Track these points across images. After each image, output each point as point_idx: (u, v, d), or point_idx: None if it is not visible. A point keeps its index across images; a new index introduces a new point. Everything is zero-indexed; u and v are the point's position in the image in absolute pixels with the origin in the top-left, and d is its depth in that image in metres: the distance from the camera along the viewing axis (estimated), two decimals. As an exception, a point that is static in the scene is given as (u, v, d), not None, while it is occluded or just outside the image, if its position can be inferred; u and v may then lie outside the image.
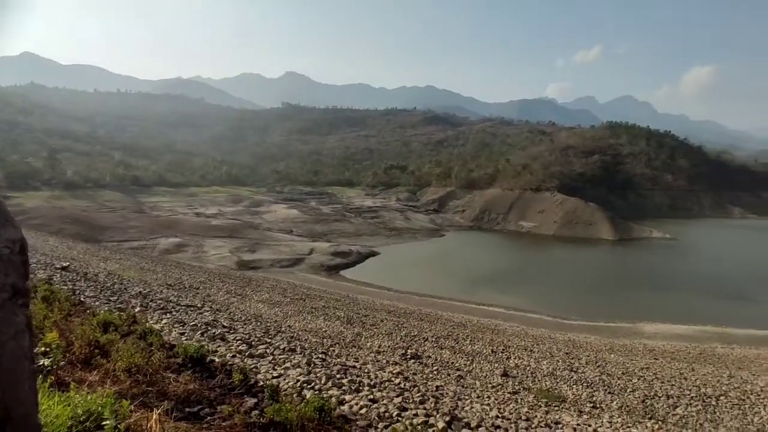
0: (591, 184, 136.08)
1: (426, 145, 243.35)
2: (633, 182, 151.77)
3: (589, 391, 19.78)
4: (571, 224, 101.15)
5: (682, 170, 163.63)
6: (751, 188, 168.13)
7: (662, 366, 24.81)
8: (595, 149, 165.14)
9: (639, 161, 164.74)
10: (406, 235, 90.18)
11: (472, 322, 33.77)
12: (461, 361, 22.41)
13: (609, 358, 25.86)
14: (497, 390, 18.06)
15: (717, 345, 31.96)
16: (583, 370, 23.04)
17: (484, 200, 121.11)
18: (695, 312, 42.53)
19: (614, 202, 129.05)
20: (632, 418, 16.49)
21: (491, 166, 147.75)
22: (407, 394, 12.73)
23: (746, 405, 19.00)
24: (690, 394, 20.03)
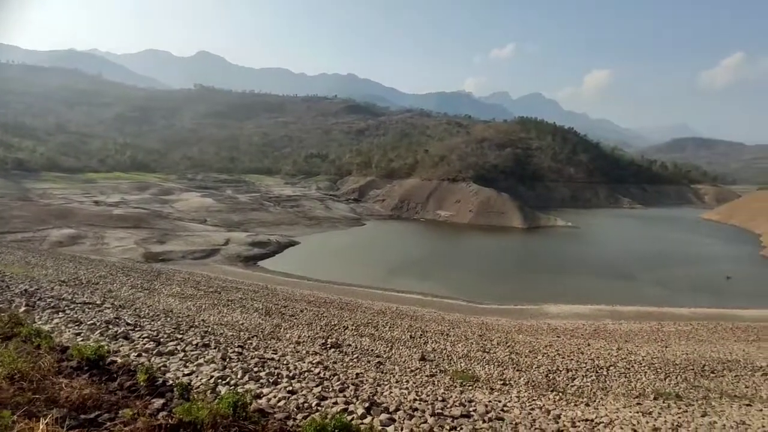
0: (504, 175, 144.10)
1: (347, 134, 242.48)
2: (541, 174, 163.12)
3: (500, 369, 21.12)
4: (485, 213, 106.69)
5: (582, 164, 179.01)
6: (638, 181, 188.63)
7: (563, 343, 27.14)
8: (507, 142, 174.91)
9: (546, 155, 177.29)
10: (326, 225, 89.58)
11: (392, 309, 34.51)
12: (381, 347, 22.81)
13: (518, 338, 27.75)
14: (415, 374, 18.64)
15: (609, 321, 35.54)
16: (494, 350, 24.54)
17: (404, 190, 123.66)
18: (592, 293, 46.94)
19: (524, 193, 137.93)
20: (537, 392, 17.86)
21: (411, 156, 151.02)
22: (327, 384, 12.70)
23: (630, 372, 21.43)
24: (586, 366, 22.15)
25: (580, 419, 13.37)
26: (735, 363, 22.90)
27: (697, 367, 22.21)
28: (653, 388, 18.92)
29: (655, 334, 30.87)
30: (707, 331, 31.88)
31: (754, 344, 27.91)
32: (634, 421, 13.51)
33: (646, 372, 21.46)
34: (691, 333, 31.35)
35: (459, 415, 11.82)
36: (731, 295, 47.66)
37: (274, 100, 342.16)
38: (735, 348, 26.66)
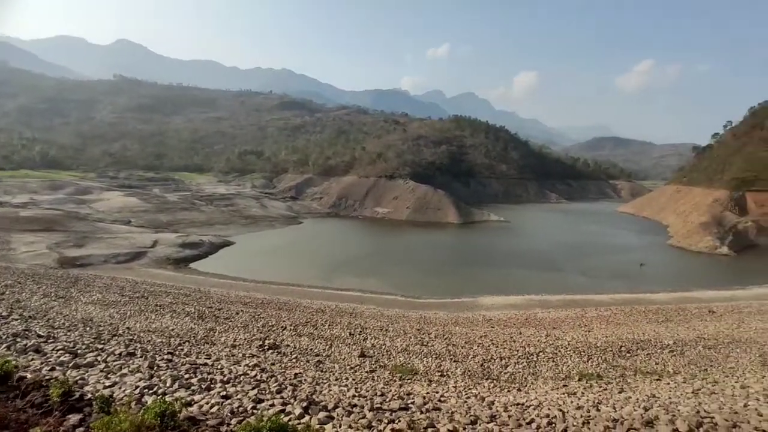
0: (440, 172, 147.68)
1: (283, 130, 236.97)
2: (474, 171, 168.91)
3: (438, 361, 21.64)
4: (422, 209, 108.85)
5: (514, 161, 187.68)
6: (563, 178, 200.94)
7: (497, 333, 28.31)
8: (443, 140, 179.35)
9: (480, 152, 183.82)
10: (262, 223, 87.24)
11: (331, 308, 34.29)
12: (320, 346, 22.59)
13: (455, 331, 28.57)
14: (355, 371, 18.63)
15: (538, 310, 37.52)
16: (432, 343, 25.10)
17: (341, 187, 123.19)
18: (523, 284, 49.34)
19: (459, 189, 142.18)
20: (473, 381, 18.48)
21: (348, 153, 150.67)
22: (264, 386, 12.37)
23: (558, 357, 22.78)
24: (518, 354, 23.26)
25: (512, 404, 13.96)
26: (647, 342, 25.04)
27: (615, 348, 24.02)
28: (578, 370, 20.23)
29: (579, 320, 33.00)
30: (624, 315, 34.58)
31: (663, 325, 30.67)
32: (560, 402, 14.33)
33: (571, 356, 22.90)
34: (610, 317, 33.86)
35: (397, 408, 11.94)
36: (644, 281, 52.10)
37: (204, 94, 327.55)
38: (647, 329, 29.14)
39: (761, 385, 15.86)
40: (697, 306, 37.38)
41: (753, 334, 26.33)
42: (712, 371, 19.14)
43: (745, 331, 27.10)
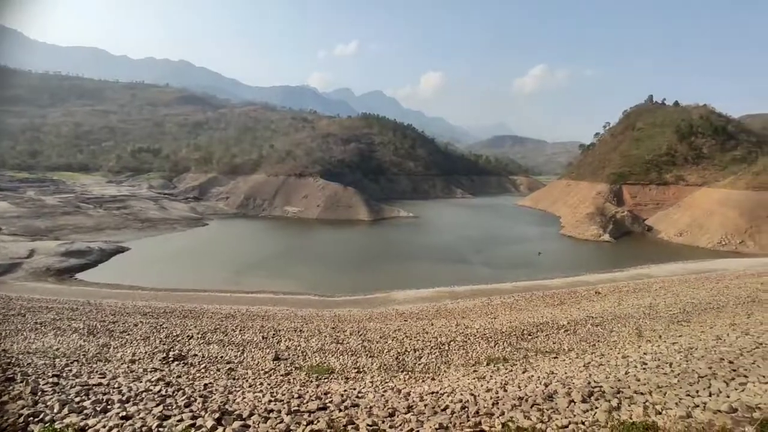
0: (349, 169, 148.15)
1: (182, 126, 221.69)
2: (384, 168, 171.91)
3: (354, 358, 21.66)
4: (333, 208, 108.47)
5: (421, 158, 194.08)
6: (467, 174, 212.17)
7: (410, 326, 29.04)
8: (352, 138, 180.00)
9: (388, 150, 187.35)
10: (162, 227, 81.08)
11: (242, 312, 32.84)
12: (231, 353, 21.53)
13: (369, 326, 28.81)
14: (270, 375, 18.02)
15: (448, 302, 39.14)
16: (348, 341, 25.07)
17: (249, 186, 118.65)
18: (433, 277, 51.14)
19: (369, 186, 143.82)
20: (389, 375, 18.75)
21: (255, 151, 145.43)
22: (170, 401, 11.45)
23: (467, 345, 23.93)
24: (431, 344, 24.04)
25: (427, 393, 14.37)
26: (545, 325, 27.27)
27: (518, 332, 25.83)
28: (486, 355, 21.44)
29: (485, 308, 35.02)
30: (525, 301, 37.37)
31: (558, 307, 33.63)
32: (471, 387, 15.05)
33: (479, 342, 24.20)
34: (513, 304, 36.37)
35: (316, 408, 11.77)
36: (541, 269, 56.72)
37: (88, 84, 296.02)
38: (545, 312, 31.76)
39: (637, 353, 18.00)
40: (585, 288, 41.51)
41: (630, 310, 29.84)
42: (599, 345, 21.34)
43: (624, 308, 30.64)
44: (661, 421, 9.44)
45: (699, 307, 28.56)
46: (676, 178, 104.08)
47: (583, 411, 11.00)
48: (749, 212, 74.71)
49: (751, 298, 29.73)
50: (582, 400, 11.64)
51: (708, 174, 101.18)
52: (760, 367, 13.86)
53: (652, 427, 6.29)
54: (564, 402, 11.69)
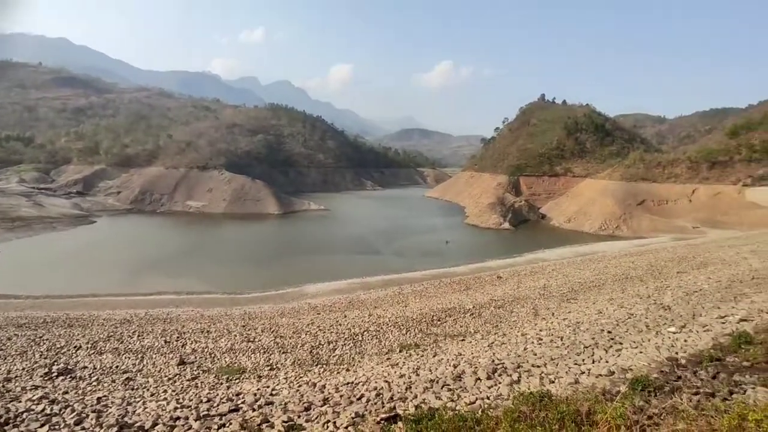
0: (257, 161, 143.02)
1: (60, 112, 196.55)
2: (293, 160, 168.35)
3: (266, 356, 21.09)
4: (241, 201, 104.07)
5: (331, 150, 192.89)
6: (377, 166, 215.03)
7: (324, 319, 28.90)
8: (259, 128, 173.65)
9: (297, 141, 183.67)
10: (38, 226, 71.95)
11: (140, 316, 30.34)
12: (129, 361, 19.89)
13: (281, 322, 28.18)
14: (174, 381, 16.98)
15: (361, 293, 39.51)
16: (259, 338, 24.31)
17: (145, 180, 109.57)
18: (345, 269, 51.18)
19: (278, 179, 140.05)
20: (303, 369, 18.55)
21: (151, 141, 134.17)
22: (57, 420, 10.35)
23: (380, 334, 24.42)
24: (344, 336, 24.16)
25: (342, 384, 14.48)
26: (453, 310, 28.69)
27: (428, 318, 26.89)
28: (398, 342, 22.05)
29: (397, 297, 35.92)
30: (434, 288, 38.92)
31: (465, 293, 35.54)
32: (385, 374, 15.42)
33: (392, 331, 24.81)
34: (423, 292, 37.72)
35: (227, 411, 11.41)
36: (449, 256, 59.32)
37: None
38: (452, 298, 33.39)
39: (534, 331, 19.67)
40: (489, 274, 44.28)
41: (528, 291, 32.45)
42: (502, 326, 22.96)
43: (523, 290, 33.24)
44: (554, 388, 10.42)
45: (584, 286, 31.86)
46: (565, 170, 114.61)
47: (488, 387, 11.79)
48: (622, 201, 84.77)
49: (625, 276, 33.82)
50: (487, 377, 12.47)
51: (591, 166, 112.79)
52: (632, 334, 15.86)
53: (546, 395, 6.91)
54: (471, 380, 12.44)
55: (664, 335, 14.88)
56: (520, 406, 6.52)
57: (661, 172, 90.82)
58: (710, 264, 33.67)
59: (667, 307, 19.97)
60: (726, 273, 27.90)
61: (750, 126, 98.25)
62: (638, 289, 26.76)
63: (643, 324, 17.11)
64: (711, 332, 14.04)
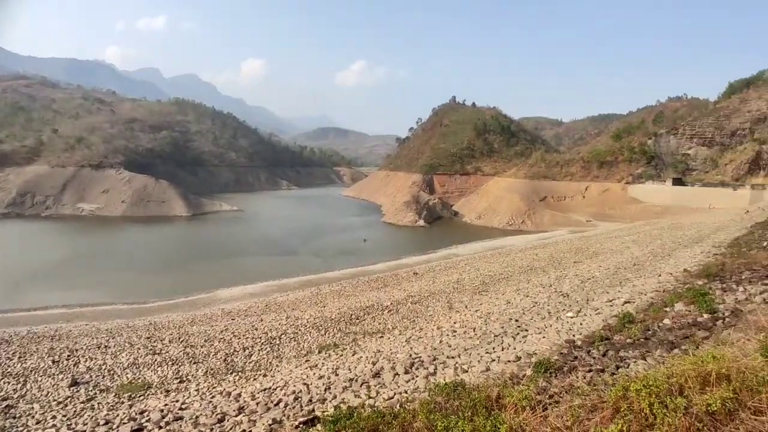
0: (161, 160, 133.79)
1: None
2: (202, 159, 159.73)
3: (175, 368, 19.72)
4: (143, 203, 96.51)
5: (243, 149, 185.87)
6: (293, 165, 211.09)
7: (238, 324, 27.67)
8: (163, 124, 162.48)
9: (206, 139, 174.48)
10: None
11: (21, 335, 26.81)
12: (9, 386, 17.65)
13: (192, 331, 26.52)
14: (65, 405, 15.32)
15: (278, 295, 38.44)
16: (166, 350, 22.67)
17: (24, 180, 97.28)
18: (261, 271, 49.41)
19: (186, 179, 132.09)
20: (217, 379, 17.62)
21: (31, 136, 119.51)
22: None
23: (299, 336, 23.92)
24: (261, 341, 23.32)
25: (259, 391, 13.97)
26: (371, 307, 28.93)
27: (347, 317, 26.85)
28: (317, 343, 21.75)
29: (315, 297, 35.46)
30: (352, 287, 38.98)
31: (383, 290, 35.99)
32: (304, 377, 15.12)
33: (310, 332, 24.42)
34: (341, 291, 37.61)
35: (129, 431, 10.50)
36: (367, 255, 59.82)
37: None
38: (371, 296, 33.66)
39: (449, 323, 20.43)
40: (405, 270, 45.26)
41: (442, 286, 33.66)
42: (419, 321, 23.56)
43: (438, 285, 34.41)
44: (468, 377, 10.87)
45: (495, 278, 33.77)
46: (475, 168, 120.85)
47: (405, 381, 12.01)
48: (527, 197, 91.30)
49: (530, 267, 36.39)
50: (405, 372, 12.70)
51: (498, 165, 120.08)
52: (536, 321, 17.08)
53: (460, 384, 7.17)
54: (390, 376, 12.60)
55: (563, 320, 16.18)
56: (435, 397, 6.68)
57: (560, 171, 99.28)
58: (601, 254, 37.34)
59: (565, 294, 21.77)
60: (613, 261, 31.11)
61: (630, 130, 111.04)
62: (541, 279, 28.91)
63: (545, 311, 18.48)
64: (602, 315, 15.52)
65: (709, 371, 4.12)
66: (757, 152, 77.92)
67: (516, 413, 5.03)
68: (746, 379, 3.92)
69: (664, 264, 25.41)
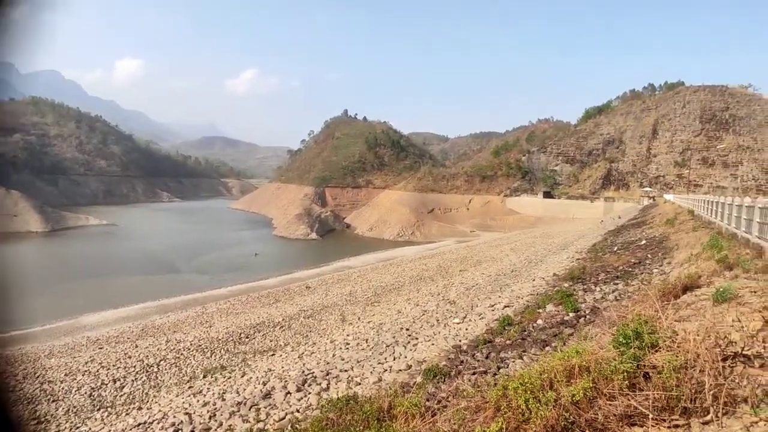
0: (13, 167, 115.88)
1: None
2: (64, 167, 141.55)
3: (30, 407, 16.98)
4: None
5: (116, 156, 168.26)
6: (175, 175, 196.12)
7: (107, 353, 24.62)
8: (16, 127, 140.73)
9: (70, 144, 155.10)
10: None
11: None
12: None
13: (49, 364, 23.00)
14: None
15: (156, 317, 35.05)
16: (19, 387, 19.33)
17: None
18: (137, 291, 44.65)
19: (43, 189, 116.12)
20: (81, 418, 15.55)
21: None
22: None
23: (180, 360, 21.96)
24: (135, 369, 20.95)
25: (131, 426, 12.55)
26: (262, 324, 27.69)
27: (235, 337, 25.36)
28: (202, 367, 20.17)
29: (200, 317, 32.99)
30: (241, 304, 37.01)
31: (274, 306, 34.73)
32: (186, 405, 13.91)
33: (194, 355, 22.58)
34: (229, 309, 35.49)
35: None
36: (258, 270, 57.41)
37: None
38: (261, 312, 32.26)
39: (342, 336, 20.34)
40: (298, 284, 44.26)
41: (335, 299, 33.50)
42: (312, 335, 23.09)
43: (331, 298, 34.16)
44: (361, 389, 10.84)
45: (386, 289, 34.49)
46: (367, 181, 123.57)
47: (297, 399, 11.61)
48: (416, 210, 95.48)
49: (419, 277, 37.87)
50: (297, 390, 12.29)
51: (389, 178, 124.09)
52: (425, 329, 17.72)
53: (353, 398, 7.09)
54: (281, 395, 12.09)
55: (450, 326, 17.01)
56: (327, 413, 6.52)
57: (446, 184, 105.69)
58: (483, 262, 40.23)
59: (452, 301, 22.97)
60: (494, 268, 33.68)
61: (507, 147, 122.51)
62: (430, 288, 30.21)
63: (434, 319, 19.28)
64: (485, 319, 16.62)
65: (573, 365, 4.55)
66: (608, 169, 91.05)
67: (406, 422, 5.08)
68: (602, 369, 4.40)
69: (537, 269, 28.14)
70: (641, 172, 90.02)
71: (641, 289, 13.04)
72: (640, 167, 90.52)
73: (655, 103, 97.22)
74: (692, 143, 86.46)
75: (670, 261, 17.03)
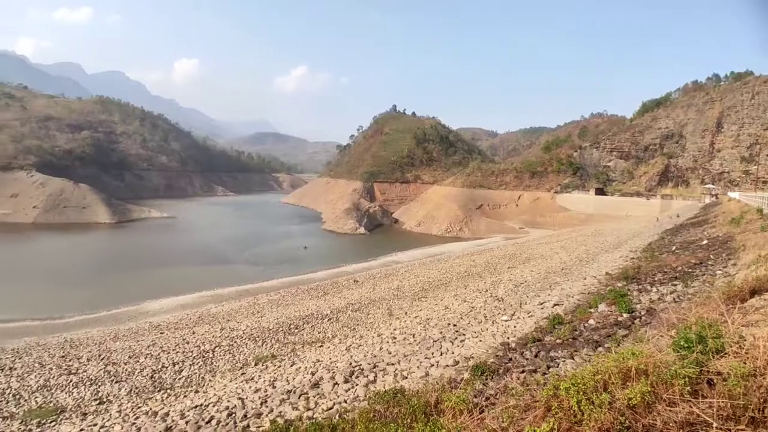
0: (82, 162, 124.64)
1: None
2: (129, 162, 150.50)
3: (94, 388, 18.26)
4: (59, 209, 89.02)
5: (176, 153, 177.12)
6: (229, 170, 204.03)
7: (167, 338, 26.09)
8: (84, 124, 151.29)
9: (134, 141, 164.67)
10: None
11: None
12: None
13: (114, 347, 24.67)
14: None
15: (212, 306, 36.75)
16: (84, 368, 20.91)
17: None
18: (194, 281, 46.99)
19: (110, 183, 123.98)
20: (142, 398, 16.50)
21: None
22: None
23: (234, 348, 22.95)
24: (192, 355, 22.11)
25: (189, 408, 13.22)
26: (311, 316, 28.40)
27: (285, 327, 26.16)
28: (254, 355, 20.97)
29: (252, 308, 34.26)
30: (291, 296, 38.10)
31: (322, 298, 35.50)
32: (239, 391, 14.51)
33: (247, 343, 23.52)
34: (279, 300, 36.64)
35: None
36: (307, 262, 58.79)
37: None
38: (310, 304, 33.06)
39: (389, 330, 20.50)
40: (346, 278, 44.97)
41: (383, 293, 33.77)
42: (359, 328, 23.43)
43: (378, 292, 34.48)
44: (407, 383, 10.91)
45: (433, 284, 34.38)
46: (415, 177, 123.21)
47: (345, 390, 11.85)
48: (464, 205, 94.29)
49: (467, 273, 37.45)
50: (344, 381, 12.53)
51: (437, 174, 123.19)
52: (473, 325, 17.54)
53: (400, 391, 7.17)
54: (329, 386, 12.37)
55: (498, 323, 16.73)
56: (375, 405, 6.63)
57: (495, 180, 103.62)
58: (532, 259, 39.20)
59: (500, 298, 22.57)
60: (544, 266, 32.74)
61: (558, 143, 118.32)
62: (478, 285, 29.81)
63: (482, 315, 19.03)
64: (534, 317, 16.22)
65: (629, 367, 4.38)
66: (666, 165, 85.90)
67: (454, 417, 5.08)
68: (661, 373, 4.21)
69: (589, 268, 27.09)
70: (703, 168, 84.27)
71: (703, 291, 12.29)
72: (701, 163, 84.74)
73: (719, 94, 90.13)
74: (762, 137, 79.70)
75: (735, 262, 15.89)
